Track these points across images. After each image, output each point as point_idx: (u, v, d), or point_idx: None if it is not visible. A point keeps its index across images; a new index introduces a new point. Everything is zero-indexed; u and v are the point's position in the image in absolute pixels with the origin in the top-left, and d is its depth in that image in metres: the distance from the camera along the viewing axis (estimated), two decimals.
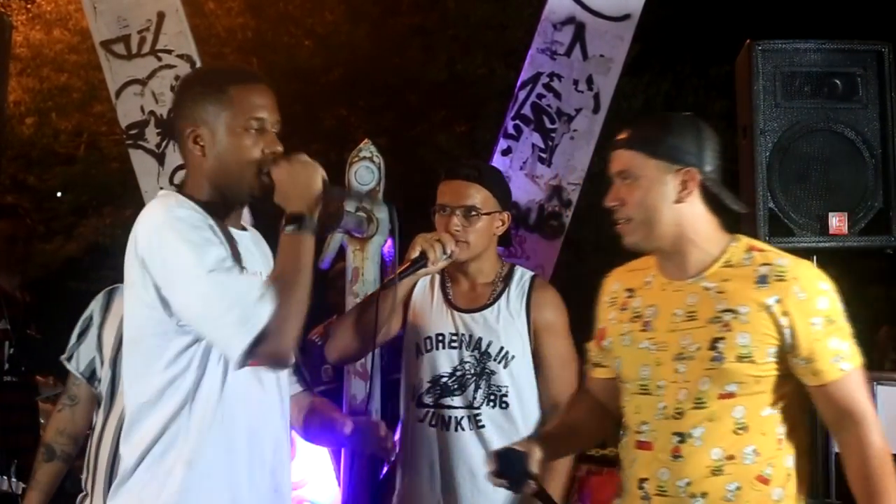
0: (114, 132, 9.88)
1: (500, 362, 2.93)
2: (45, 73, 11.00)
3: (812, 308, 2.21)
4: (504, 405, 2.93)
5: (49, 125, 11.16)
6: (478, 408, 2.92)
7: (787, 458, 2.27)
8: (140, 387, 2.11)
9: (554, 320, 3.02)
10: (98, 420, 2.96)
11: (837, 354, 2.20)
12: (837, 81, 3.75)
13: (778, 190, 3.69)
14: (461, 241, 2.92)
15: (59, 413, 3.07)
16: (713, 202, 2.34)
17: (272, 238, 2.45)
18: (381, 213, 3.67)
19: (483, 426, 2.91)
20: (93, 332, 3.01)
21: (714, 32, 9.38)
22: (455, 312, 2.98)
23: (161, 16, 4.41)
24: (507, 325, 2.96)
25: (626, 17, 4.41)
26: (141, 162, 4.44)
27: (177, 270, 2.02)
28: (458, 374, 2.94)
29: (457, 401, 2.93)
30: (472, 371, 2.93)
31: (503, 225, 3.02)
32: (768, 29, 5.80)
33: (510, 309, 2.99)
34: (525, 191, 4.35)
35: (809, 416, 2.39)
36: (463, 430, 2.92)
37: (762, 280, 2.23)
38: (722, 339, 2.23)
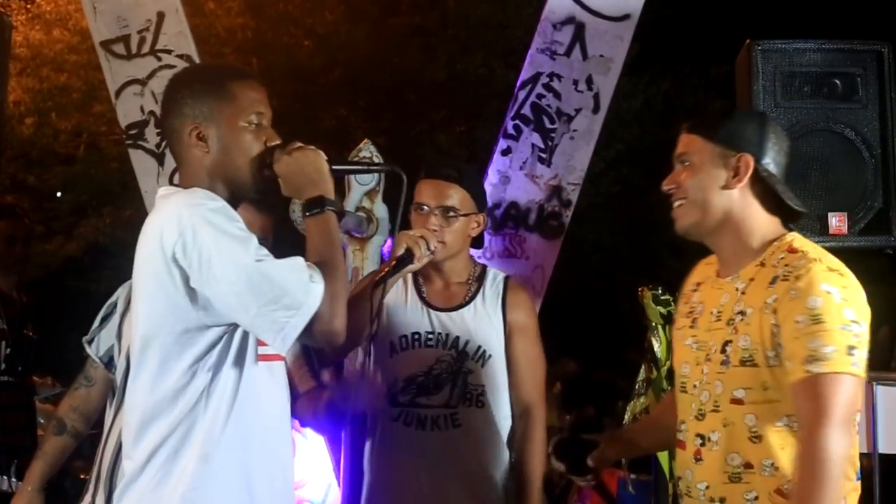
0: (114, 132, 9.88)
1: (477, 361, 2.93)
2: (45, 73, 10.99)
3: (801, 306, 2.10)
4: (480, 404, 2.92)
5: (49, 125, 11.15)
6: (454, 406, 2.90)
7: None
8: (155, 384, 2.09)
9: (527, 321, 3.03)
10: (110, 412, 2.98)
11: (812, 355, 2.07)
12: (837, 81, 3.75)
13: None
14: (438, 241, 2.90)
15: (76, 391, 3.12)
16: (770, 199, 2.29)
17: (274, 239, 2.46)
18: (381, 213, 3.68)
19: (459, 425, 2.90)
20: (115, 319, 3.04)
21: (714, 32, 9.38)
22: (432, 311, 2.97)
23: (161, 16, 4.41)
24: (484, 324, 2.96)
25: (626, 17, 4.41)
26: (141, 162, 4.44)
27: (219, 262, 2.00)
28: (435, 372, 2.92)
29: (433, 399, 2.90)
30: (449, 370, 2.91)
31: (478, 226, 3.02)
32: (768, 29, 5.80)
33: (486, 308, 2.99)
34: (525, 191, 4.35)
35: None
36: (439, 429, 2.89)
37: (773, 281, 2.18)
38: (730, 341, 2.21)
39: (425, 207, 2.94)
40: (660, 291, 4.14)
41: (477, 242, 3.10)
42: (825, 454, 2.02)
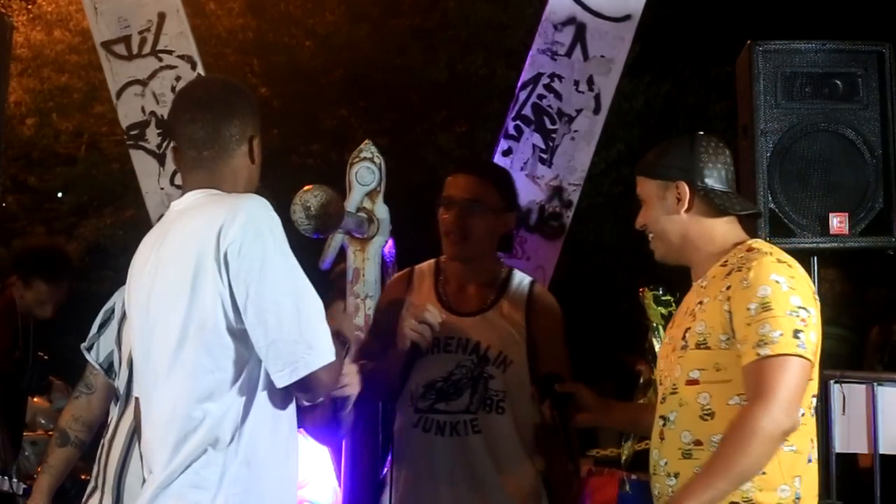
0: (115, 133, 9.87)
1: (498, 367, 2.87)
2: (46, 73, 10.99)
3: (752, 294, 2.26)
4: (500, 410, 2.86)
5: (50, 126, 11.15)
6: (474, 412, 2.85)
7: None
8: (196, 382, 2.06)
9: (552, 327, 2.97)
10: (113, 417, 2.98)
11: (761, 340, 2.22)
12: (838, 82, 3.76)
13: (778, 190, 3.70)
14: (463, 237, 2.88)
15: (76, 400, 3.11)
16: (719, 209, 2.47)
17: None
18: (382, 214, 3.68)
19: (479, 431, 2.84)
20: (113, 325, 3.04)
21: (715, 33, 9.37)
22: (451, 316, 2.90)
23: (162, 16, 4.41)
24: (505, 329, 2.91)
25: (627, 17, 4.41)
26: (141, 162, 4.45)
27: (269, 276, 2.02)
28: (455, 378, 2.87)
29: (452, 406, 2.85)
30: (469, 375, 2.86)
31: (506, 227, 2.98)
32: (769, 29, 5.80)
33: (509, 313, 2.93)
34: (526, 191, 4.35)
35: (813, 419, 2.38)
36: (458, 434, 2.85)
37: (729, 273, 2.35)
38: (689, 328, 2.39)
39: (452, 201, 2.90)
40: (660, 292, 4.14)
41: (505, 245, 3.05)
42: (754, 427, 2.17)
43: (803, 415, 2.30)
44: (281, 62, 10.62)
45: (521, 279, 3.01)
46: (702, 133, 2.54)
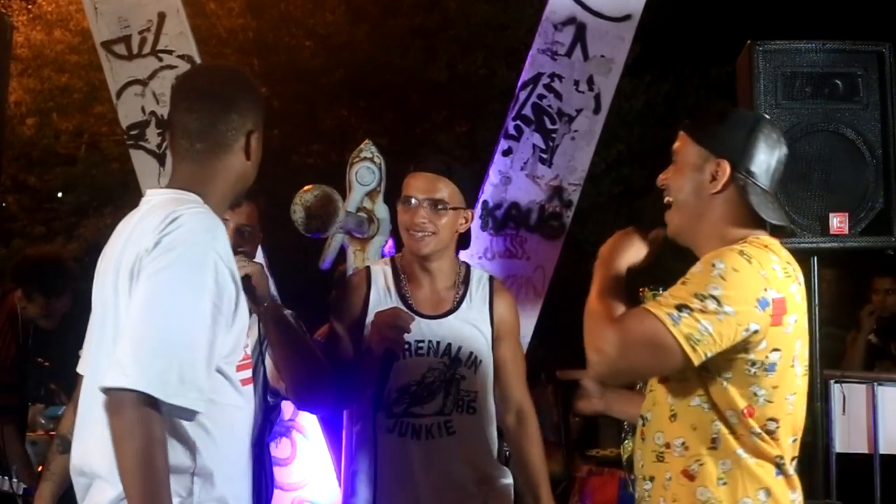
0: (115, 133, 9.88)
1: (470, 367, 2.88)
2: (46, 73, 10.99)
3: (689, 271, 2.12)
4: (472, 410, 2.89)
5: (50, 126, 11.15)
6: (448, 414, 2.86)
7: (722, 462, 2.14)
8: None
9: (513, 322, 3.02)
10: None
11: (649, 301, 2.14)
12: (838, 82, 3.75)
13: (779, 190, 3.69)
14: (428, 235, 2.86)
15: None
16: (747, 209, 2.24)
17: (271, 236, 2.46)
18: (382, 214, 3.67)
19: (454, 432, 2.86)
20: None
21: (715, 33, 9.37)
22: (421, 319, 2.87)
23: (162, 16, 4.41)
24: (473, 329, 2.92)
25: (627, 17, 4.41)
26: (142, 162, 4.44)
27: (141, 295, 1.94)
28: (428, 381, 2.86)
29: (427, 408, 2.86)
30: (442, 377, 2.86)
31: (466, 222, 2.96)
32: (769, 29, 5.80)
33: (475, 312, 2.94)
34: (526, 191, 4.35)
35: (811, 416, 2.36)
36: (433, 437, 2.85)
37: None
38: None
39: (413, 200, 2.88)
40: (660, 291, 4.13)
41: (464, 242, 3.04)
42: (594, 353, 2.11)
43: (759, 436, 2.13)
44: (281, 62, 10.62)
45: (479, 276, 3.02)
46: (767, 118, 2.31)
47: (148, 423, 1.86)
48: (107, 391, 1.89)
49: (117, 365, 1.88)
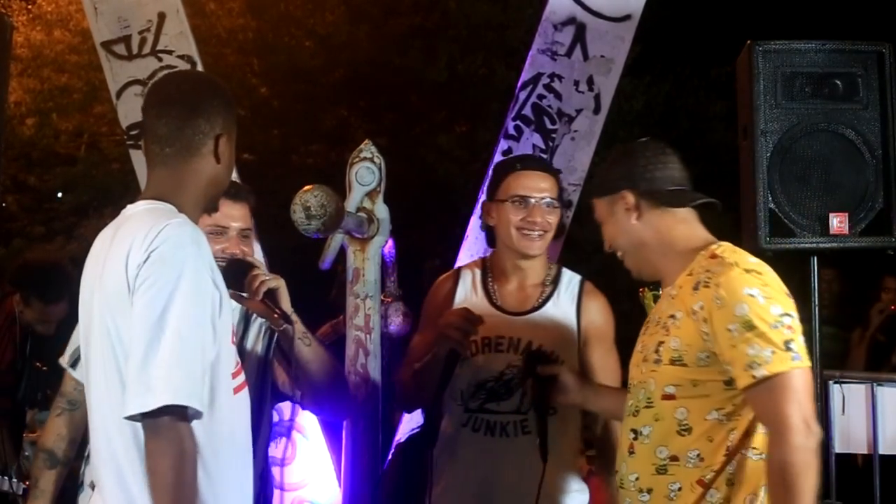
0: (115, 133, 9.88)
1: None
2: (46, 73, 11.00)
3: (730, 314, 2.19)
4: (552, 410, 2.79)
5: (50, 126, 11.16)
6: (525, 413, 2.82)
7: (736, 468, 2.25)
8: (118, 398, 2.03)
9: (603, 327, 2.96)
10: None
11: (753, 361, 2.16)
12: (838, 82, 3.75)
13: (779, 191, 3.69)
14: (541, 234, 2.86)
15: (58, 417, 2.99)
16: (675, 215, 2.42)
17: (271, 236, 2.46)
18: (382, 214, 3.67)
19: (529, 432, 2.81)
20: None
21: (715, 33, 9.37)
22: (502, 315, 2.89)
23: (162, 16, 4.41)
24: (557, 328, 2.89)
25: (627, 17, 4.41)
26: (142, 163, 4.40)
27: (139, 310, 1.97)
28: (506, 378, 2.84)
29: (503, 406, 2.83)
30: (520, 375, 2.81)
31: (564, 222, 3.01)
32: (769, 29, 5.80)
33: (560, 312, 2.91)
34: None
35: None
36: (507, 435, 2.83)
37: (696, 286, 2.28)
38: (663, 342, 2.33)
39: (528, 200, 2.87)
40: (660, 292, 4.14)
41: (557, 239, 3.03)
42: (789, 468, 2.11)
43: None
44: (281, 62, 10.63)
45: (570, 277, 2.99)
46: (642, 139, 2.49)
47: (181, 439, 1.94)
48: (142, 417, 1.94)
49: (144, 388, 1.93)
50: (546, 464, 2.65)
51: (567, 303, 2.94)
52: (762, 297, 2.19)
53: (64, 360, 2.96)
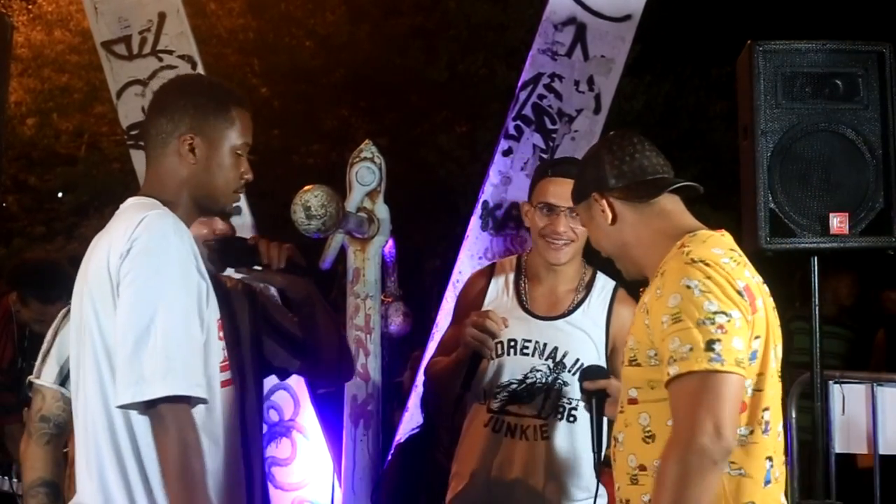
0: (115, 133, 9.89)
1: (574, 374, 2.78)
2: (47, 73, 11.01)
3: (664, 305, 2.03)
4: (572, 418, 2.79)
5: (50, 126, 11.18)
6: (545, 418, 2.79)
7: None
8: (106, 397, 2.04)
9: None
10: None
11: (671, 356, 1.99)
12: (838, 82, 3.74)
13: (779, 190, 3.68)
14: (568, 243, 2.83)
15: (48, 445, 2.85)
16: (646, 206, 2.27)
17: (273, 237, 2.46)
18: (382, 214, 3.68)
19: (547, 437, 2.79)
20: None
21: (715, 33, 9.38)
22: (532, 318, 2.85)
23: (162, 16, 4.41)
24: (584, 335, 2.85)
25: (628, 17, 4.41)
26: (142, 163, 4.41)
27: (125, 303, 1.98)
28: (529, 381, 2.81)
29: (525, 409, 2.80)
30: (544, 380, 2.79)
31: None
32: (769, 29, 5.80)
33: (590, 319, 2.87)
34: (526, 191, 4.34)
35: (809, 416, 2.35)
36: (527, 439, 2.80)
37: (655, 279, 2.16)
38: (627, 342, 2.22)
39: (556, 208, 2.83)
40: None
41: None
42: (679, 471, 1.92)
43: (752, 432, 2.06)
44: (281, 62, 10.64)
45: (604, 283, 2.95)
46: (610, 133, 2.40)
47: (183, 430, 1.96)
48: (144, 407, 1.96)
49: (136, 377, 1.94)
50: (599, 482, 2.63)
51: (598, 310, 2.89)
52: (699, 290, 2.01)
53: (50, 378, 2.84)
